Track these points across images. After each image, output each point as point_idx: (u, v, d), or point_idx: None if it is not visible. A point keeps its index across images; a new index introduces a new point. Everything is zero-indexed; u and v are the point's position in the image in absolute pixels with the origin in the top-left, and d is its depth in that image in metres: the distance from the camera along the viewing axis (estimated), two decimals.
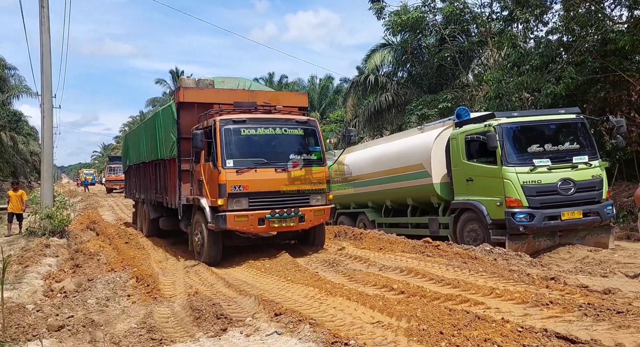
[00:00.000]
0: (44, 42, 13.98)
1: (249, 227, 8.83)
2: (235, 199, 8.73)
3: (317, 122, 9.93)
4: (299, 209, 9.13)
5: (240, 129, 9.06)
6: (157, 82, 51.54)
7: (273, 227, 9.02)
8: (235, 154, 8.94)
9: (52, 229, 12.56)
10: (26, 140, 42.86)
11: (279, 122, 9.45)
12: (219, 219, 8.65)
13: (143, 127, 14.57)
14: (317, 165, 9.51)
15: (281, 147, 9.42)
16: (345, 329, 4.97)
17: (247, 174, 8.84)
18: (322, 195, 9.50)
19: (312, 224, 9.42)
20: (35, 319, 5.55)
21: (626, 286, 6.11)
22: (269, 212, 8.85)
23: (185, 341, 4.89)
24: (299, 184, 9.21)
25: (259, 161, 9.02)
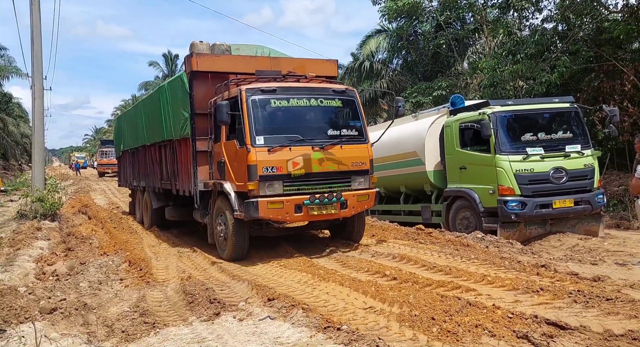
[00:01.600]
0: (34, 22, 13.76)
1: (284, 215, 7.57)
2: (267, 183, 7.47)
3: (356, 92, 8.63)
4: (341, 193, 7.89)
5: (270, 100, 7.75)
6: (150, 65, 51.04)
7: (312, 215, 7.73)
8: (265, 129, 7.65)
9: (44, 212, 12.50)
10: (16, 122, 42.34)
11: (314, 91, 8.12)
12: (250, 206, 7.40)
13: (142, 106, 12.88)
14: (358, 142, 8.19)
15: (317, 121, 8.18)
16: (338, 314, 5.01)
17: (280, 153, 7.55)
18: (365, 177, 8.18)
19: (355, 211, 8.11)
20: (28, 301, 5.54)
21: (615, 274, 6.19)
22: (307, 198, 7.58)
23: (178, 325, 4.91)
24: (339, 164, 7.91)
25: (294, 138, 7.72)
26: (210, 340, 4.45)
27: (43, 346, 4.18)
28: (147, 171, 12.19)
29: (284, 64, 9.03)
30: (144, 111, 12.25)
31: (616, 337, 4.04)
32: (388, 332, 4.45)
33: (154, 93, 11.73)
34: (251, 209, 7.40)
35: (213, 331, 4.68)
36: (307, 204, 7.59)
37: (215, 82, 8.68)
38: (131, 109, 15.41)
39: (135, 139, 13.27)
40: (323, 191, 7.74)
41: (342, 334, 4.26)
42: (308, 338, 4.30)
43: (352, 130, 8.23)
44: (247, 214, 7.45)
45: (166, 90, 10.18)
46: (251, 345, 4.27)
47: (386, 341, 4.11)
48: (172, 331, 4.73)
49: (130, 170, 14.21)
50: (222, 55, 9.24)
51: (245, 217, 7.54)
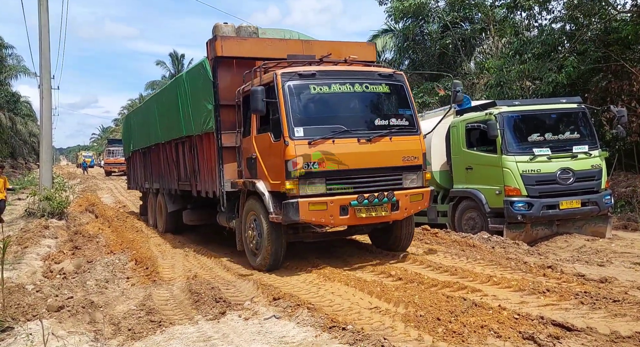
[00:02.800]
0: (42, 22, 13.86)
1: (327, 218, 6.63)
2: (308, 181, 6.54)
3: (405, 77, 7.60)
4: (393, 192, 6.91)
5: (310, 86, 6.85)
6: (157, 64, 51.26)
7: (359, 218, 6.74)
8: (305, 119, 6.77)
9: (51, 210, 12.60)
10: (24, 121, 42.64)
11: (358, 75, 7.20)
12: (288, 208, 6.47)
13: (155, 102, 11.95)
14: (409, 133, 7.23)
15: (362, 110, 7.31)
16: (343, 314, 5.02)
17: (322, 147, 6.62)
18: (418, 173, 7.21)
19: (407, 213, 7.13)
20: (35, 299, 5.59)
21: (622, 275, 6.15)
22: (355, 198, 6.66)
23: (184, 323, 4.93)
24: (389, 159, 6.99)
25: (337, 129, 6.79)
26: (216, 339, 4.46)
27: (50, 343, 4.21)
28: (161, 172, 11.34)
29: (316, 48, 8.13)
30: (157, 107, 11.46)
31: (623, 339, 4.02)
32: (393, 332, 4.45)
33: (170, 86, 10.87)
34: (290, 211, 6.46)
35: (219, 330, 4.69)
36: (355, 205, 6.65)
37: (241, 70, 7.82)
38: (142, 106, 14.60)
39: (147, 138, 12.46)
40: (371, 190, 6.80)
41: (348, 333, 4.26)
42: (313, 338, 4.31)
43: (402, 120, 7.25)
44: (286, 217, 6.52)
45: (184, 81, 9.25)
46: (256, 344, 4.28)
47: (391, 341, 4.11)
48: (178, 329, 4.75)
49: (142, 172, 13.41)
50: (249, 39, 8.19)
51: (283, 221, 6.62)
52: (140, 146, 13.34)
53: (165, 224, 11.11)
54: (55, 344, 4.22)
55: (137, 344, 4.44)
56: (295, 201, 6.47)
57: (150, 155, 12.40)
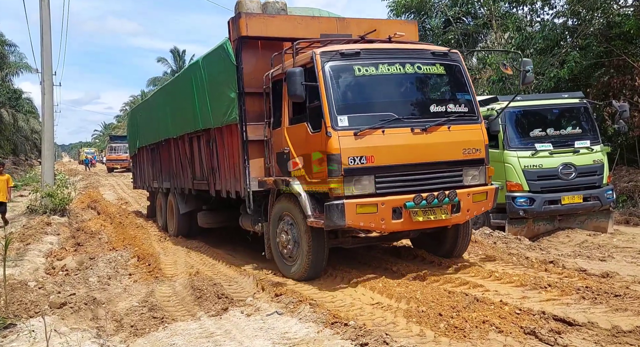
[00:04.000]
0: (44, 18, 13.85)
1: (378, 222, 5.67)
2: (354, 179, 5.63)
3: (461, 56, 6.64)
4: (456, 191, 5.98)
5: (354, 67, 5.92)
6: (158, 61, 51.17)
7: (415, 223, 5.78)
8: (350, 106, 5.89)
9: (53, 207, 12.63)
10: (26, 118, 42.69)
11: (408, 54, 6.26)
12: (332, 210, 5.50)
13: (164, 94, 11.03)
14: (469, 122, 6.29)
15: (415, 94, 6.41)
16: (345, 309, 5.03)
17: (371, 138, 5.69)
18: (480, 168, 6.25)
19: (469, 215, 6.20)
20: (38, 296, 5.61)
21: (624, 270, 6.15)
22: (410, 198, 5.71)
23: (187, 320, 4.95)
24: (447, 152, 6.04)
25: (387, 116, 5.84)
26: (219, 335, 4.48)
27: (53, 340, 4.22)
28: (172, 170, 10.37)
29: (353, 26, 7.26)
30: (167, 99, 10.55)
31: (624, 334, 4.03)
32: (395, 327, 4.47)
33: (183, 74, 9.91)
34: (334, 214, 5.49)
35: (221, 326, 4.71)
36: (410, 207, 5.70)
37: (267, 53, 6.95)
38: (149, 99, 13.32)
39: (155, 133, 11.50)
40: (428, 189, 5.85)
41: (350, 329, 4.28)
42: (315, 333, 4.32)
43: (461, 106, 6.32)
44: (329, 221, 5.53)
45: (201, 68, 8.24)
46: (259, 340, 4.30)
47: (393, 337, 4.12)
48: (181, 325, 4.77)
49: (149, 170, 12.41)
50: (278, 16, 7.24)
51: (324, 226, 5.64)
52: (147, 142, 12.40)
53: (177, 227, 10.21)
54: (57, 341, 4.24)
55: (140, 341, 4.46)
56: (340, 203, 5.50)
57: (159, 152, 11.48)
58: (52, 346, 4.14)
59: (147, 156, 12.66)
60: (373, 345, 3.93)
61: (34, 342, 4.28)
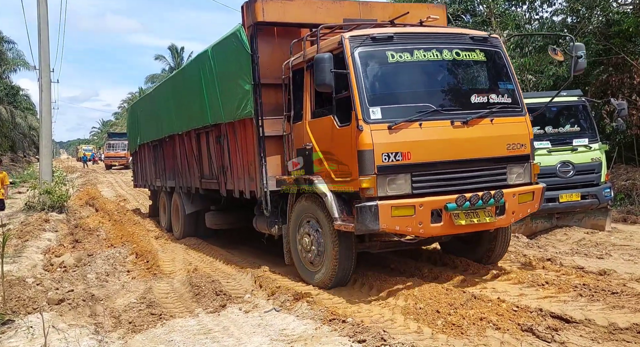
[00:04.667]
0: (41, 14, 13.81)
1: (415, 226, 5.10)
2: (389, 177, 5.08)
3: (501, 41, 6.11)
4: (502, 191, 5.40)
5: (387, 53, 5.36)
6: (156, 59, 51.07)
7: (458, 226, 5.22)
8: (382, 97, 5.39)
9: (51, 204, 12.60)
10: (24, 114, 42.56)
11: (445, 39, 5.69)
12: (365, 213, 4.96)
13: (169, 88, 10.42)
14: (513, 114, 5.77)
15: (453, 83, 5.85)
16: (343, 306, 5.04)
17: (406, 132, 5.15)
18: (525, 165, 5.74)
19: (514, 218, 5.67)
20: (36, 292, 5.61)
21: (621, 268, 6.17)
22: (452, 199, 5.16)
23: (185, 317, 4.95)
24: (491, 147, 5.51)
25: (424, 108, 5.29)
26: (217, 331, 4.49)
27: (51, 336, 4.23)
28: (177, 168, 9.88)
29: (378, 11, 6.77)
30: (172, 93, 9.96)
31: (621, 331, 4.05)
32: (393, 324, 4.48)
33: (189, 66, 9.24)
34: (367, 217, 4.94)
35: (219, 323, 4.72)
36: (452, 209, 5.14)
37: (284, 41, 6.47)
38: (151, 93, 12.73)
39: (158, 129, 10.94)
40: (469, 189, 5.29)
41: (347, 326, 4.29)
42: (313, 330, 4.33)
43: (504, 96, 5.79)
44: (361, 224, 4.99)
45: (210, 58, 7.66)
46: (257, 337, 4.31)
47: (391, 334, 4.13)
48: (179, 322, 4.77)
49: (152, 168, 11.89)
50: (296, 0, 6.66)
51: (355, 230, 5.09)
52: (149, 139, 11.89)
53: (183, 228, 9.69)
54: (55, 337, 4.25)
55: (138, 337, 4.46)
56: (374, 204, 4.95)
57: (162, 149, 10.96)
58: (50, 342, 4.14)
59: (149, 153, 12.16)
60: (371, 342, 3.94)
61: (32, 339, 4.28)
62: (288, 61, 6.24)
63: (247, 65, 6.46)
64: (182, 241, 9.45)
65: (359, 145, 5.08)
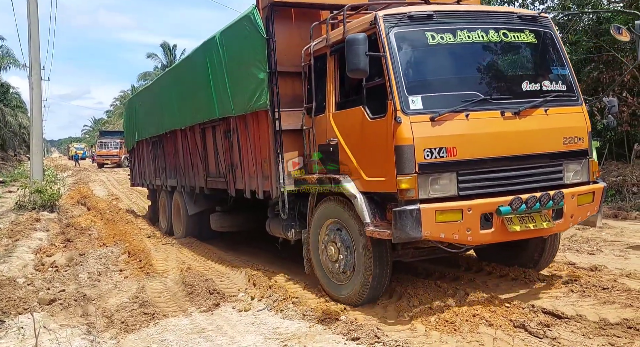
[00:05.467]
0: (31, 11, 13.68)
1: (463, 234, 4.43)
2: (431, 177, 4.42)
3: (551, 22, 5.40)
4: (562, 192, 4.76)
5: (426, 34, 4.68)
6: (148, 57, 50.76)
7: (512, 233, 4.55)
8: (423, 84, 4.71)
9: (42, 203, 12.50)
10: (14, 112, 42.19)
11: (492, 18, 5.03)
12: (405, 218, 4.28)
13: (170, 80, 9.69)
14: (568, 103, 5.10)
15: (501, 68, 5.15)
16: (333, 304, 5.04)
17: (451, 124, 4.50)
18: (583, 162, 5.06)
19: (573, 222, 4.99)
20: (26, 292, 5.57)
21: (612, 263, 6.22)
22: (506, 202, 4.48)
23: (178, 316, 4.94)
24: (546, 141, 4.84)
25: (470, 96, 4.62)
26: (210, 330, 4.48)
27: (42, 336, 4.20)
28: (179, 165, 9.25)
29: None
30: (174, 85, 9.23)
31: (611, 326, 4.09)
32: (387, 322, 4.48)
33: (193, 55, 8.35)
34: (408, 223, 4.28)
35: (213, 322, 4.71)
36: (505, 213, 4.46)
37: (301, 24, 5.86)
38: (150, 87, 11.92)
39: (158, 124, 10.25)
40: (522, 190, 4.64)
41: (341, 324, 4.29)
42: (307, 328, 4.34)
43: (558, 83, 5.10)
44: (401, 231, 4.29)
45: (218, 45, 6.95)
46: (251, 335, 4.31)
47: (384, 331, 4.15)
48: (172, 321, 4.76)
49: (151, 166, 11.27)
50: None
51: (393, 237, 4.37)
52: (148, 135, 11.15)
53: (185, 230, 9.23)
54: (47, 338, 4.22)
55: (131, 337, 4.45)
56: (415, 209, 4.28)
57: (163, 145, 10.29)
58: (41, 342, 4.12)
59: (148, 150, 11.49)
60: (364, 339, 3.95)
61: (22, 339, 4.25)
62: (308, 46, 5.58)
63: (261, 51, 5.78)
64: (176, 239, 9.39)
65: (397, 139, 4.41)
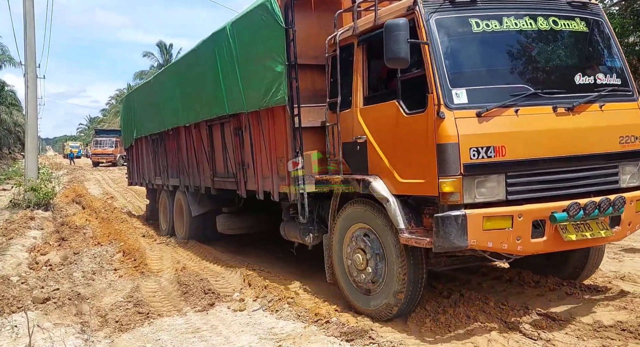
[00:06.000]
0: (27, 9, 13.62)
1: (512, 242, 4.01)
2: (478, 179, 4.01)
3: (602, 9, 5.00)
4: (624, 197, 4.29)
5: (470, 20, 4.28)
6: (144, 56, 50.65)
7: (568, 242, 4.12)
8: (467, 76, 4.33)
9: (37, 201, 12.45)
10: (9, 110, 41.98)
11: (537, 4, 4.59)
12: (449, 225, 3.89)
13: (172, 74, 9.22)
14: (623, 98, 4.65)
15: (552, 59, 4.69)
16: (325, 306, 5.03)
17: (499, 121, 4.08)
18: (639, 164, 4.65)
19: (630, 230, 4.56)
20: (20, 291, 5.55)
21: (606, 266, 6.23)
22: (561, 207, 4.04)
23: (173, 315, 4.93)
24: (602, 140, 4.41)
25: (519, 90, 4.22)
26: (205, 330, 4.47)
27: (36, 335, 4.18)
28: (182, 164, 8.83)
29: None
30: (177, 80, 8.78)
31: (605, 328, 4.11)
32: (380, 322, 4.49)
33: (200, 48, 7.75)
34: (452, 230, 3.88)
35: (207, 322, 4.71)
36: (561, 220, 4.02)
37: (321, 14, 5.51)
38: (150, 82, 11.43)
39: (159, 121, 9.80)
40: (576, 194, 4.20)
41: (334, 325, 4.30)
42: (302, 329, 4.34)
43: (612, 77, 4.66)
44: (443, 240, 3.90)
45: (229, 37, 6.52)
46: (245, 335, 4.30)
47: (379, 332, 4.16)
48: (166, 321, 4.75)
49: (150, 164, 10.86)
50: None
51: (435, 246, 3.96)
52: (148, 132, 10.68)
53: (188, 232, 8.88)
54: (40, 337, 4.20)
55: (125, 336, 4.43)
56: (461, 215, 3.88)
57: (164, 143, 9.84)
58: (35, 341, 4.10)
59: (148, 148, 11.02)
60: (359, 341, 3.96)
61: (16, 338, 4.24)
62: (333, 36, 5.11)
63: (279, 42, 5.38)
64: (170, 239, 9.36)
65: (440, 137, 3.98)
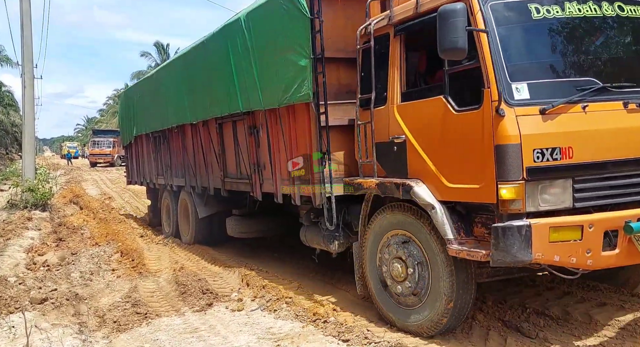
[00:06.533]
0: (24, 9, 13.60)
1: (581, 256, 3.54)
2: (542, 184, 3.55)
3: None
4: None
5: (529, 6, 3.80)
6: (142, 55, 50.56)
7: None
8: (528, 68, 3.86)
9: (34, 202, 12.42)
10: (6, 111, 41.88)
11: None
12: (510, 236, 3.45)
13: (179, 68, 8.56)
14: None
15: (619, 50, 4.24)
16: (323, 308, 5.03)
17: (565, 119, 3.61)
18: None
19: None
20: (18, 291, 5.53)
21: None
22: (638, 216, 3.64)
23: (171, 315, 4.93)
24: None
25: (587, 84, 3.73)
26: (203, 330, 4.47)
27: (33, 336, 4.18)
28: (189, 163, 8.38)
29: None
30: (182, 75, 8.26)
31: (603, 327, 4.12)
32: (378, 323, 4.49)
33: (209, 41, 7.19)
34: (514, 243, 3.44)
35: (205, 322, 4.71)
36: (637, 231, 3.56)
37: (347, 3, 5.09)
38: (151, 76, 10.82)
39: (162, 118, 9.25)
40: None
41: (331, 325, 4.31)
42: (300, 329, 4.34)
43: None
44: (504, 253, 3.47)
45: (243, 29, 6.00)
46: (244, 335, 4.30)
47: (375, 333, 4.16)
48: (165, 321, 4.75)
49: (152, 163, 10.41)
50: None
51: (494, 260, 3.54)
52: (150, 129, 10.18)
53: (194, 234, 8.50)
54: (38, 337, 4.20)
55: (123, 336, 4.43)
56: (525, 224, 3.45)
57: (168, 141, 9.35)
58: (32, 342, 4.09)
59: (149, 146, 10.56)
60: (355, 341, 3.96)
61: (14, 339, 4.23)
62: (366, 25, 4.66)
63: (303, 33, 4.91)
64: (168, 239, 9.35)
65: (499, 137, 3.53)
